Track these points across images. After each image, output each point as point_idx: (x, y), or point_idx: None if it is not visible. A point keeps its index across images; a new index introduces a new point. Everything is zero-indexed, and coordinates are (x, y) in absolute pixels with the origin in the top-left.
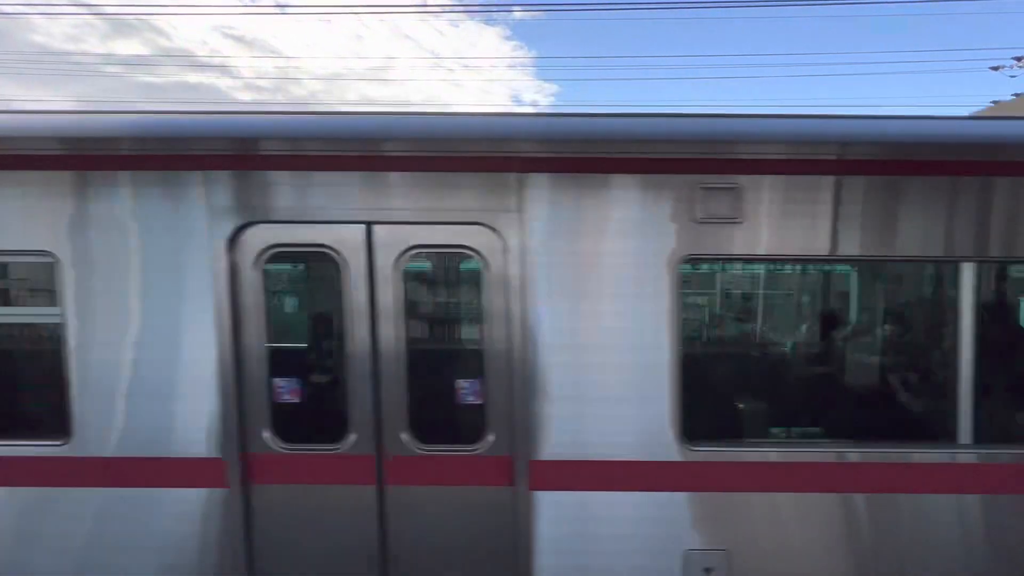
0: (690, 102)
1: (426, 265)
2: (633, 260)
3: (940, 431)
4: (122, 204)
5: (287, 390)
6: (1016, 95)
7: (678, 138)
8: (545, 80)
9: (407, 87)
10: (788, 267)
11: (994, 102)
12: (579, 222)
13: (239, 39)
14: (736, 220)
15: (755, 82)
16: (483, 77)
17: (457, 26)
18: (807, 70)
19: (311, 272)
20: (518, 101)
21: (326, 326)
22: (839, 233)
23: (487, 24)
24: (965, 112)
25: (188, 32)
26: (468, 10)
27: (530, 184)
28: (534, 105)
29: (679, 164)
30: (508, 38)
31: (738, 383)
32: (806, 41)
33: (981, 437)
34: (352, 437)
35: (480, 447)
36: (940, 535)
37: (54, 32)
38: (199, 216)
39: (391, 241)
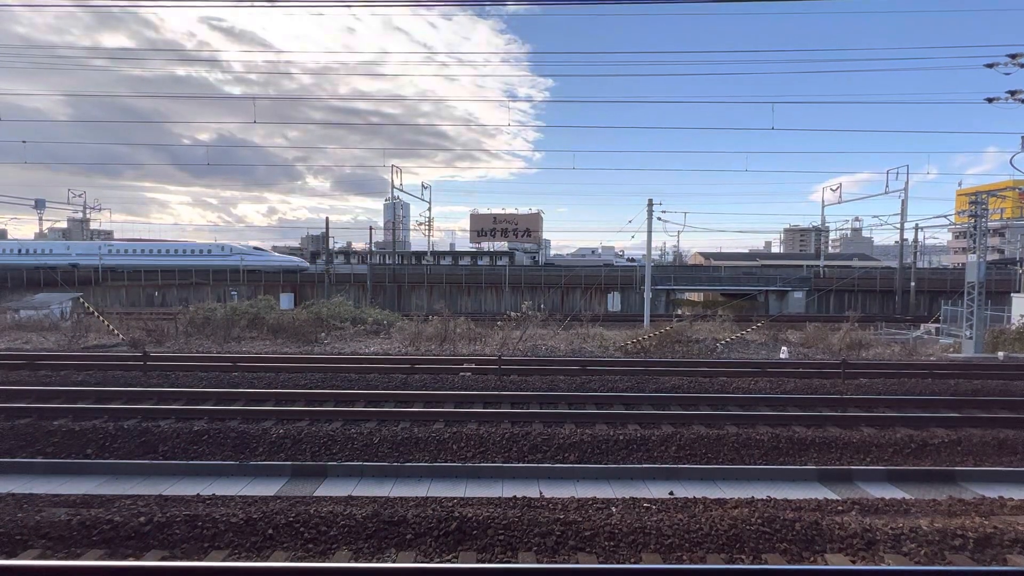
0: (688, 97)
1: None
2: None
3: None
4: None
5: None
6: (1010, 92)
7: None
8: (541, 75)
9: (400, 81)
10: None
11: (988, 99)
12: None
13: (228, 31)
14: None
15: (754, 78)
16: (477, 72)
17: (450, 19)
18: (804, 66)
19: None
20: (513, 96)
21: None
22: None
23: (480, 17)
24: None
25: (175, 24)
26: (461, 3)
27: None
28: (529, 100)
29: None
30: (502, 31)
31: None
32: (804, 37)
33: None
34: None
35: None
36: None
37: (37, 23)
38: None
39: None
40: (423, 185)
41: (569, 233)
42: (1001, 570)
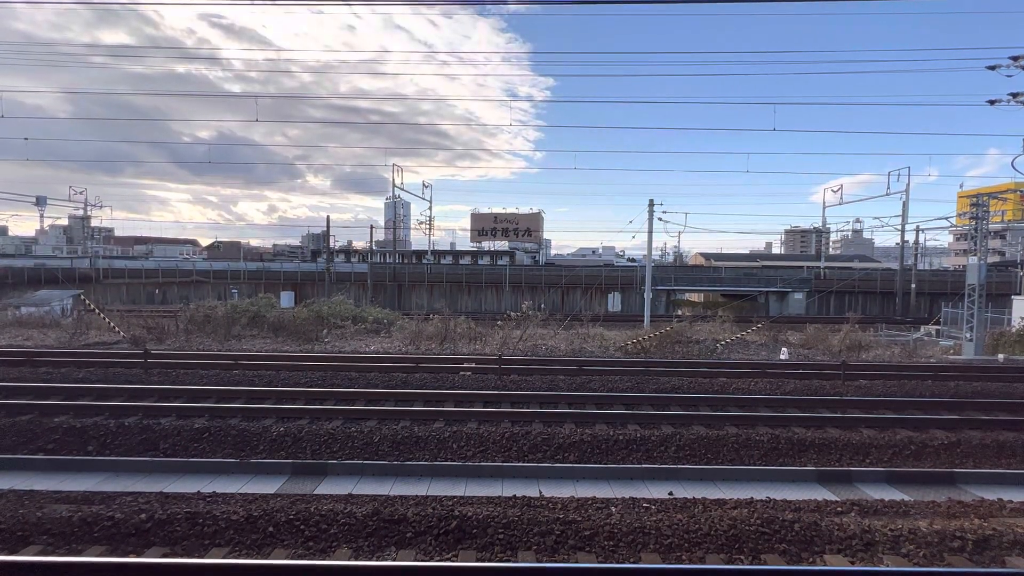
0: (689, 97)
1: None
2: None
3: None
4: None
5: None
6: (1012, 94)
7: None
8: (541, 75)
9: (400, 80)
10: None
11: (990, 101)
12: None
13: (227, 28)
14: None
15: (756, 79)
16: (477, 71)
17: (451, 17)
18: (806, 67)
19: None
20: (513, 95)
21: None
22: None
23: (481, 15)
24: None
25: (175, 20)
26: (462, 1)
27: None
28: (530, 100)
29: None
30: (503, 30)
31: None
32: (806, 38)
33: None
34: None
35: None
36: None
37: (37, 20)
38: None
39: None
40: (424, 184)
41: (570, 233)
42: (1000, 572)
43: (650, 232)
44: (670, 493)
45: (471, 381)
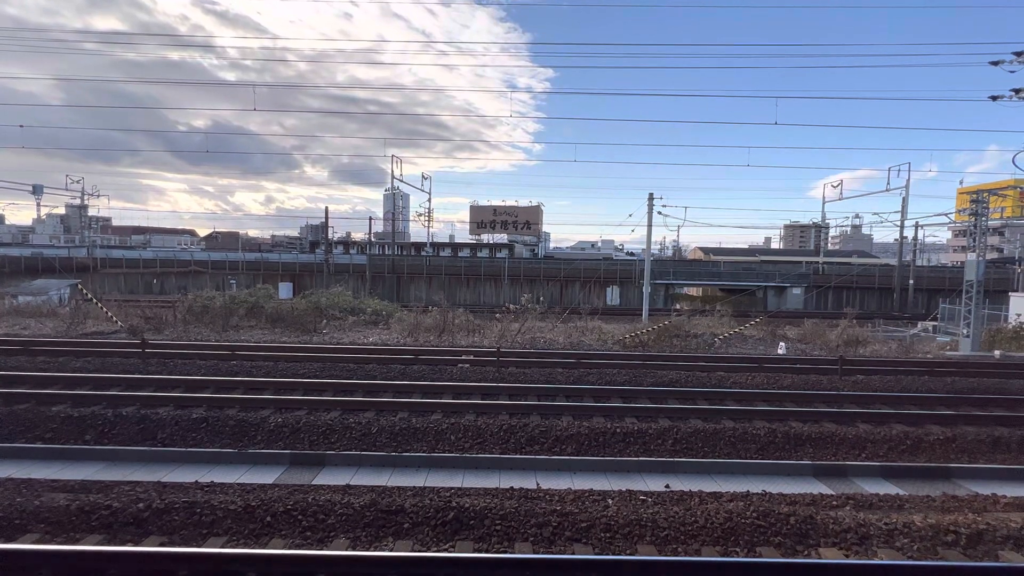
0: (691, 90)
1: None
2: None
3: None
4: None
5: None
6: (1014, 90)
7: None
8: (541, 66)
9: (398, 70)
10: None
11: (992, 97)
12: None
13: (222, 15)
14: None
15: (758, 73)
16: (476, 61)
17: (449, 6)
18: (808, 61)
19: None
20: (512, 86)
21: None
22: None
23: (479, 4)
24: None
25: (168, 7)
26: None
27: None
28: (529, 91)
29: None
30: (502, 20)
31: None
32: (808, 32)
33: None
34: None
35: None
36: None
37: (28, 4)
38: None
39: None
40: (423, 176)
41: (569, 226)
42: (993, 566)
43: (649, 226)
44: (667, 486)
45: (469, 373)
